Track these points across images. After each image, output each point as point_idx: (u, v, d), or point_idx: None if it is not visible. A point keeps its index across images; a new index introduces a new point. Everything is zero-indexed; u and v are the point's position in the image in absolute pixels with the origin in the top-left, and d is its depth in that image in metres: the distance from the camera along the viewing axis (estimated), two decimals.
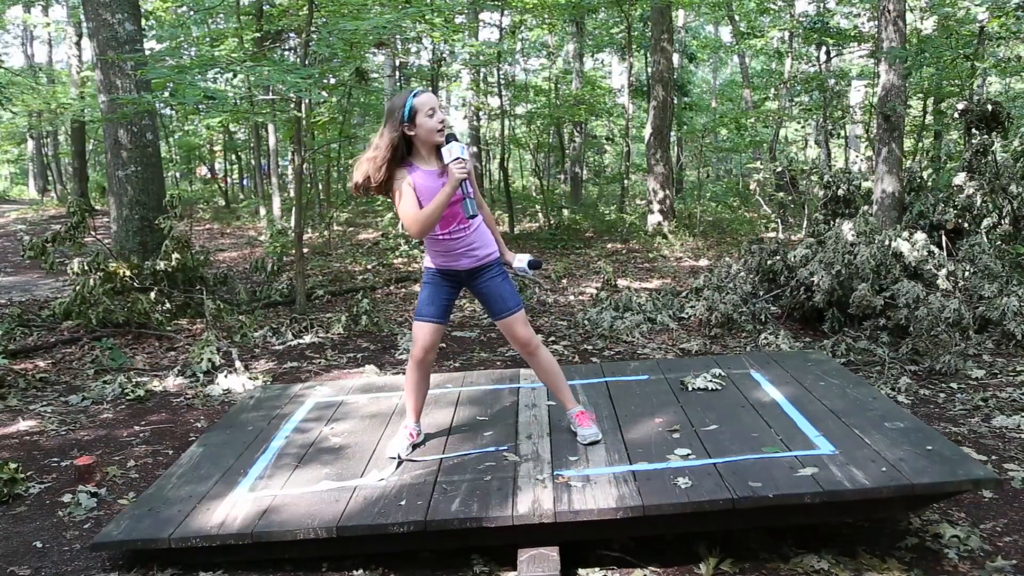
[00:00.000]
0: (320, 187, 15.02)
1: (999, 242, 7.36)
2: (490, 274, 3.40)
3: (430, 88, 14.82)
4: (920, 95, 14.49)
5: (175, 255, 6.99)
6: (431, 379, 4.57)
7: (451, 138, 3.16)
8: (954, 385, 5.24)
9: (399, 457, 3.37)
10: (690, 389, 4.05)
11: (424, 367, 3.49)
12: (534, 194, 19.49)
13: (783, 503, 2.83)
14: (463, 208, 3.18)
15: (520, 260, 3.54)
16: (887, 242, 6.67)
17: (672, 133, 15.81)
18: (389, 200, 3.25)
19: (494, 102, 16.19)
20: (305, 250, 8.82)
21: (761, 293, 7.23)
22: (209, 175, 24.91)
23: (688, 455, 3.21)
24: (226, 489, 3.20)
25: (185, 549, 2.88)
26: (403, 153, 3.21)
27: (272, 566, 2.95)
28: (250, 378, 5.35)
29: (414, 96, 3.15)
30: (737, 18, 19.19)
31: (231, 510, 3.01)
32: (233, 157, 22.59)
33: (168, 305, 6.87)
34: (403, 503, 2.95)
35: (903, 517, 3.10)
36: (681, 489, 2.90)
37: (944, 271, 6.71)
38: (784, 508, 2.87)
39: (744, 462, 3.09)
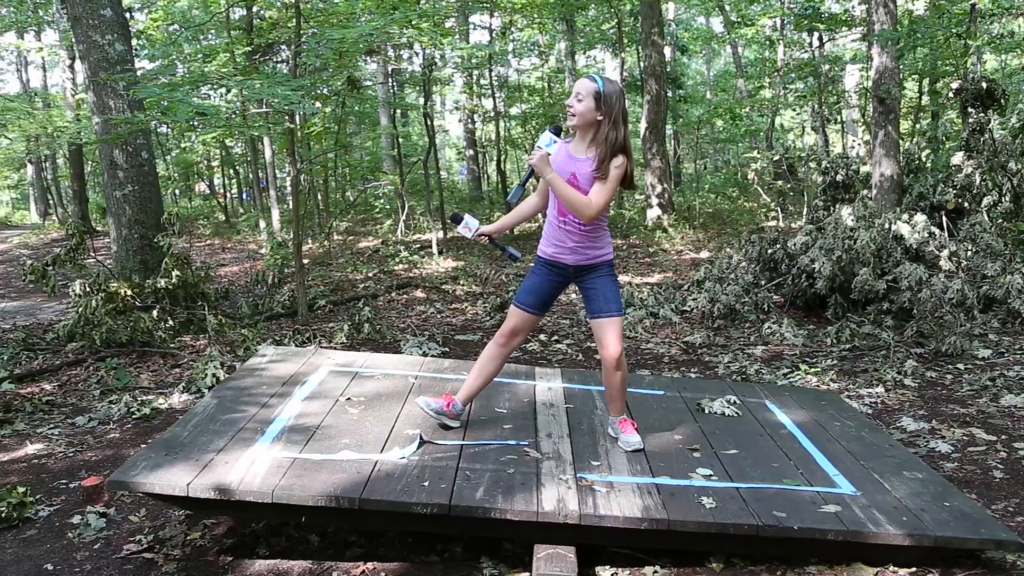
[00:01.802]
0: (319, 197, 15.03)
1: (1000, 220, 7.34)
2: (599, 272, 3.39)
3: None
4: (915, 76, 14.46)
5: (175, 272, 6.99)
6: (447, 364, 4.57)
7: (455, 219, 3.26)
8: (961, 366, 5.22)
9: (420, 436, 3.35)
10: (706, 412, 4.04)
11: (505, 348, 3.50)
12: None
13: (806, 536, 2.82)
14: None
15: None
16: (887, 225, 6.65)
17: (668, 126, 15.80)
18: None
19: (488, 104, 16.19)
20: (305, 261, 8.83)
21: (763, 282, 7.21)
22: (208, 191, 24.96)
23: (710, 476, 3.20)
24: (244, 445, 3.18)
25: (203, 500, 2.85)
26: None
27: (283, 569, 2.96)
28: None
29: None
30: (727, 7, 19.16)
31: (250, 467, 2.98)
32: (231, 172, 22.63)
33: (171, 322, 6.87)
34: (426, 484, 2.94)
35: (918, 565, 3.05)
36: (706, 508, 2.89)
37: (946, 252, 6.69)
38: (806, 541, 2.86)
39: (767, 490, 3.08)
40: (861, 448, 3.64)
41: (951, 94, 8.41)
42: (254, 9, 11.87)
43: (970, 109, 8.05)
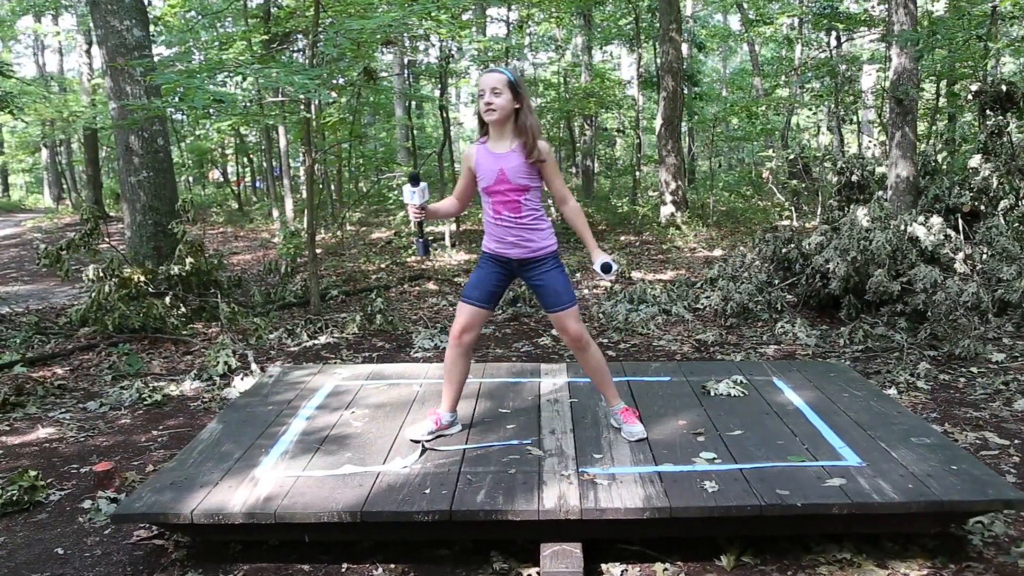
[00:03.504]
0: (332, 187, 15.04)
1: (1017, 224, 7.27)
2: (544, 267, 3.37)
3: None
4: (933, 78, 14.33)
5: (189, 259, 7.02)
6: None
7: (414, 179, 3.18)
8: (974, 369, 5.18)
9: (422, 444, 3.37)
10: (712, 394, 4.03)
11: (461, 348, 3.46)
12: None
13: (811, 512, 2.81)
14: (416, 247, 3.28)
15: (596, 262, 3.38)
16: (903, 227, 6.60)
17: (683, 123, 15.73)
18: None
19: None
20: (318, 251, 8.84)
21: (776, 282, 7.18)
22: (223, 179, 25.03)
23: (714, 459, 3.19)
24: (248, 467, 3.22)
25: (206, 525, 2.88)
26: (487, 129, 3.33)
27: (292, 560, 2.96)
28: None
29: (480, 75, 3.25)
30: (746, 5, 19.04)
31: (253, 488, 3.01)
32: (245, 160, 22.68)
33: (183, 309, 6.90)
34: (428, 492, 2.95)
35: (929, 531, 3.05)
36: (708, 493, 2.88)
37: (961, 255, 6.64)
38: (811, 517, 2.86)
39: (771, 469, 3.07)
40: (869, 418, 3.63)
41: (970, 96, 8.33)
42: None
43: (988, 112, 7.99)
